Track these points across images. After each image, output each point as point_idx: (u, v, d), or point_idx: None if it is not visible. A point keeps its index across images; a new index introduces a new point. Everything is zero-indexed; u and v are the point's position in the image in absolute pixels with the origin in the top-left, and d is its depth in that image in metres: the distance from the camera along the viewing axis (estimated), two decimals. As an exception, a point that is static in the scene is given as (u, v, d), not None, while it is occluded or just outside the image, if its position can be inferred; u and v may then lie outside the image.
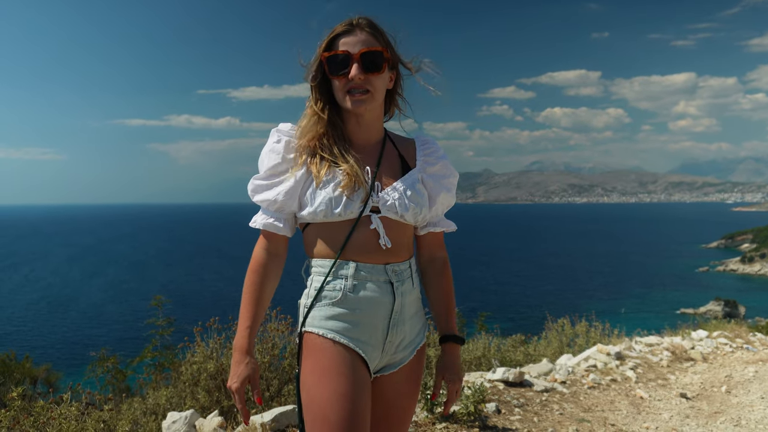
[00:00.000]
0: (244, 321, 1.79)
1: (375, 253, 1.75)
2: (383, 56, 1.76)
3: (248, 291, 1.81)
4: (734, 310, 44.54)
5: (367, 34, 1.76)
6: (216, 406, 4.18)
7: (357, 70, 1.72)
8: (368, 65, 1.74)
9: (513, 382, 5.00)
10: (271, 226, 1.80)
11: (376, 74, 1.75)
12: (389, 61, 1.79)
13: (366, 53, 1.73)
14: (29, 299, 55.89)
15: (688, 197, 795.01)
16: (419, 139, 1.97)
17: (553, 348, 8.07)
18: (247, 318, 1.79)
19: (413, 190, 1.81)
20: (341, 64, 1.74)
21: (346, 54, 1.73)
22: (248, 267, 1.83)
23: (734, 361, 6.60)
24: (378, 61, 1.75)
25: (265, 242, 1.83)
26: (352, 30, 1.76)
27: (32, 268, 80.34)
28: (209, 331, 4.50)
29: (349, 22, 1.78)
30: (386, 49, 1.77)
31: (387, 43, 1.80)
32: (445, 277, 1.99)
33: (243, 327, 1.78)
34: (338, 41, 1.75)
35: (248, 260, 1.83)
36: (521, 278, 70.54)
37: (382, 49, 1.76)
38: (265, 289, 1.81)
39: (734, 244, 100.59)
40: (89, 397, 4.37)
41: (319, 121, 1.79)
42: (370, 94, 1.76)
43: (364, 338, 1.74)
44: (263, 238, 1.84)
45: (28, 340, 37.65)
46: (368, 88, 1.75)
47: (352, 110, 1.77)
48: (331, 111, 1.81)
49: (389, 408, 1.85)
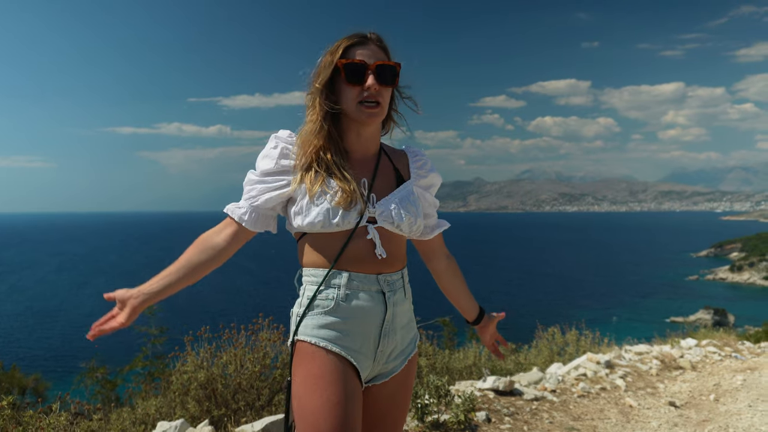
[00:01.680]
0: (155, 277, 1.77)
1: (368, 263, 1.76)
2: (395, 71, 1.79)
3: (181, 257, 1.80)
4: (723, 319, 44.79)
5: (379, 48, 1.79)
6: (206, 415, 4.17)
7: (373, 80, 1.74)
8: (382, 78, 1.76)
9: (503, 390, 5.02)
10: (236, 212, 1.81)
11: (388, 87, 1.78)
12: (399, 76, 1.82)
13: (381, 66, 1.76)
14: (16, 309, 55.33)
15: (678, 206, 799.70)
16: (410, 151, 2.00)
17: (543, 357, 8.09)
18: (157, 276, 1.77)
19: (408, 201, 1.84)
20: (357, 73, 1.74)
21: (363, 64, 1.74)
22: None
23: (723, 369, 6.65)
24: (392, 75, 1.78)
25: (221, 227, 1.84)
26: (365, 42, 1.78)
27: (19, 277, 79.59)
28: (200, 341, 4.49)
29: (361, 34, 1.80)
30: (398, 65, 1.80)
31: (394, 59, 1.83)
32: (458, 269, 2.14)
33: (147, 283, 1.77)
34: (353, 51, 1.77)
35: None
36: (511, 287, 70.67)
37: (395, 64, 1.79)
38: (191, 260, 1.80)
39: (723, 252, 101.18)
40: (78, 407, 4.35)
41: (320, 131, 1.78)
42: (380, 107, 1.77)
43: (355, 347, 1.75)
44: (222, 224, 1.85)
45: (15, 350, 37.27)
46: (379, 100, 1.76)
47: (363, 121, 1.78)
48: (332, 122, 1.81)
49: (381, 417, 1.86)
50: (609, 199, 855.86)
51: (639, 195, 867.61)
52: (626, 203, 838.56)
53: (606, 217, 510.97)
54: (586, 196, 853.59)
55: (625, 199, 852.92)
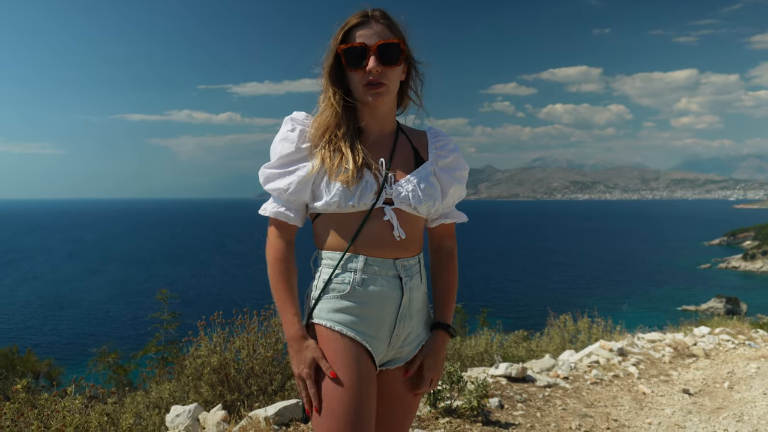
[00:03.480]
0: (289, 308, 1.74)
1: (386, 246, 1.74)
2: (399, 48, 1.75)
3: (280, 279, 1.76)
4: (736, 308, 44.48)
5: (383, 26, 1.75)
6: (219, 400, 4.19)
7: (374, 62, 1.71)
8: (385, 57, 1.72)
9: (516, 377, 5.01)
10: (282, 215, 1.78)
11: (392, 67, 1.74)
12: (404, 53, 1.78)
13: (383, 45, 1.72)
14: (29, 296, 55.87)
15: (691, 194, 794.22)
16: (431, 132, 1.96)
17: (555, 344, 8.08)
18: (291, 305, 1.74)
19: (427, 183, 1.81)
20: (358, 56, 1.72)
21: (363, 46, 1.71)
22: (269, 256, 1.79)
23: (736, 357, 6.60)
24: (395, 54, 1.74)
25: (277, 231, 1.80)
26: (367, 22, 1.74)
27: (32, 264, 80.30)
28: (213, 326, 4.50)
29: (363, 13, 1.76)
30: (402, 41, 1.76)
31: (401, 35, 1.78)
32: (450, 267, 1.98)
33: (290, 315, 1.73)
34: (354, 33, 1.73)
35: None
36: (523, 274, 70.55)
37: (399, 41, 1.75)
38: (293, 275, 1.79)
39: (736, 241, 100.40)
40: (92, 391, 4.38)
41: (334, 113, 1.76)
42: (385, 87, 1.74)
43: (371, 332, 1.74)
44: (274, 228, 1.80)
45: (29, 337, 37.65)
46: (383, 81, 1.73)
47: (370, 103, 1.76)
48: (346, 103, 1.78)
49: (394, 402, 1.86)
50: (621, 187, 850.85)
51: (651, 183, 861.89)
52: (638, 191, 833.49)
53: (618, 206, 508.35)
54: (598, 184, 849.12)
55: (637, 187, 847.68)
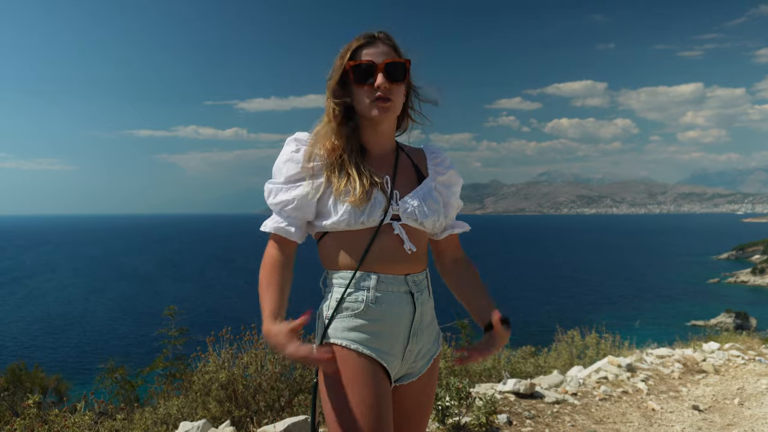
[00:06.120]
0: (266, 307, 1.72)
1: (396, 262, 1.77)
2: (405, 67, 1.81)
3: (265, 281, 1.76)
4: (745, 322, 44.12)
5: (388, 47, 1.81)
6: (227, 416, 4.19)
7: (383, 78, 1.76)
8: (392, 75, 1.77)
9: (524, 393, 4.99)
10: (282, 230, 1.79)
11: (398, 84, 1.80)
12: (408, 72, 1.83)
13: (390, 64, 1.77)
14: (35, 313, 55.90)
15: (698, 208, 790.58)
16: (428, 149, 2.01)
17: (563, 360, 8.03)
18: (269, 303, 1.73)
19: (431, 198, 1.86)
20: (366, 73, 1.77)
21: (371, 63, 1.77)
22: (262, 264, 1.80)
23: (747, 373, 6.55)
24: (401, 72, 1.80)
25: (276, 245, 1.81)
26: (373, 42, 1.81)
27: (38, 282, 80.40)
28: (221, 341, 4.52)
29: (369, 34, 1.82)
30: (407, 62, 1.82)
31: (403, 56, 1.84)
32: (474, 271, 2.02)
33: (266, 314, 1.72)
34: (361, 52, 1.79)
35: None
36: (530, 290, 70.19)
37: (405, 61, 1.81)
38: (282, 279, 1.77)
39: (745, 255, 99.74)
40: (102, 407, 4.40)
41: (336, 130, 1.80)
42: (392, 103, 1.79)
43: (386, 349, 1.75)
44: (273, 242, 1.82)
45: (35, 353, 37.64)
46: (390, 97, 1.78)
47: (376, 118, 1.80)
48: (349, 121, 1.83)
49: (408, 417, 1.87)
50: (628, 201, 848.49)
51: (658, 197, 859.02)
52: (645, 205, 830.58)
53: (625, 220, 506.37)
54: (605, 198, 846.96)
55: (644, 201, 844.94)
